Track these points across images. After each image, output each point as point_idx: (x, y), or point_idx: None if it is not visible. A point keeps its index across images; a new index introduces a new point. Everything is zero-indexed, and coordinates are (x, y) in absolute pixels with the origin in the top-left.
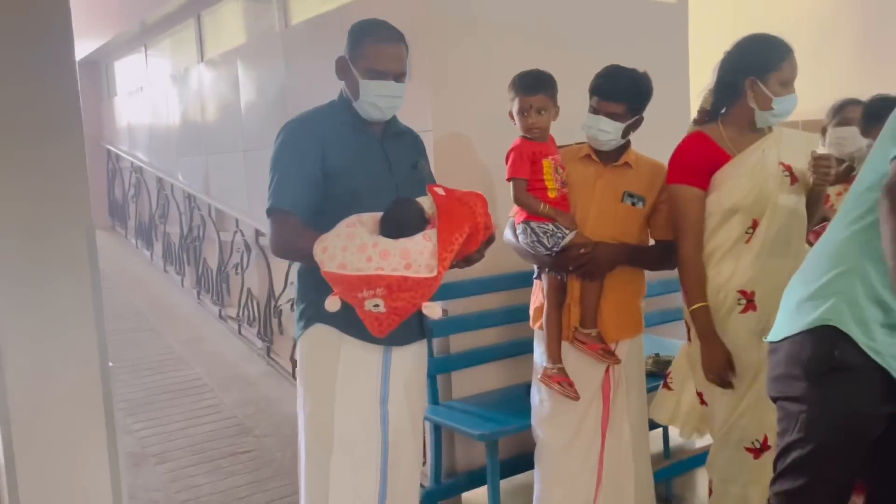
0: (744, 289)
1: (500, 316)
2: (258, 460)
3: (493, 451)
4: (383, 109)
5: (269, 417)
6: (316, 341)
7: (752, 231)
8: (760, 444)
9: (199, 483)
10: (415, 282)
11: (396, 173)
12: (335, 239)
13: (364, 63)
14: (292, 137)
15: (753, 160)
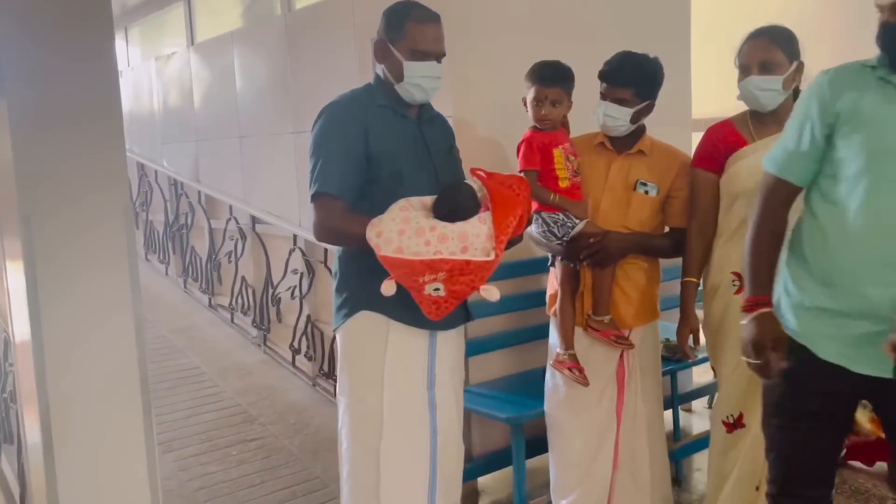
0: (737, 270)
1: (518, 301)
2: (267, 448)
3: (518, 433)
4: (427, 91)
5: (272, 405)
6: (363, 329)
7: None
8: (734, 420)
9: (211, 471)
10: (476, 265)
11: (435, 157)
12: (390, 223)
13: (407, 44)
14: (335, 120)
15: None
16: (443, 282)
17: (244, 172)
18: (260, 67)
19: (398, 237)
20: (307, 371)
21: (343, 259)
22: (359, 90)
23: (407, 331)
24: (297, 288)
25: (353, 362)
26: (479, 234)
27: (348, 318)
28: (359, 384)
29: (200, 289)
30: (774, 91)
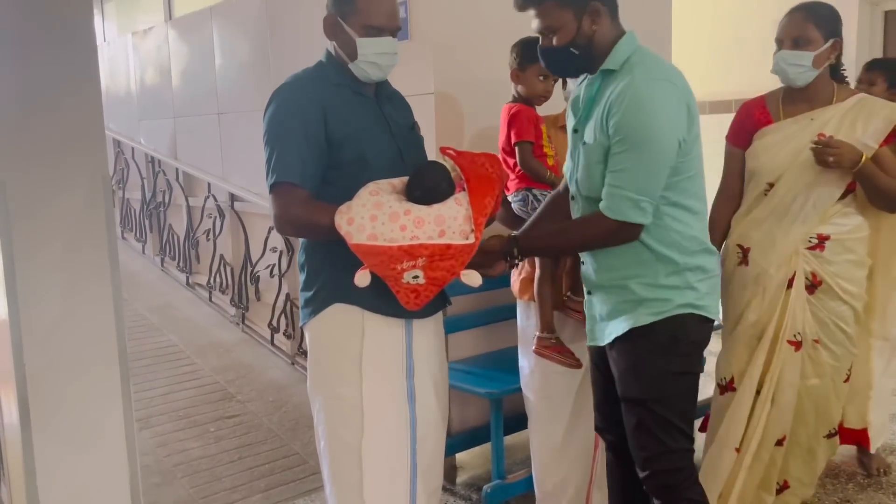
0: (742, 243)
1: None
2: (245, 425)
3: (497, 409)
4: (383, 68)
5: (251, 383)
6: (336, 322)
7: (768, 192)
8: (727, 383)
9: (189, 447)
10: (457, 249)
11: (398, 137)
12: (361, 209)
13: (359, 19)
14: (289, 103)
15: (794, 128)
16: (422, 268)
17: (223, 149)
18: (239, 43)
19: (371, 224)
20: (286, 349)
21: (309, 251)
22: (310, 70)
23: (383, 321)
24: (276, 266)
25: (327, 358)
26: (456, 216)
27: (319, 312)
28: (335, 380)
29: (178, 267)
30: (803, 67)
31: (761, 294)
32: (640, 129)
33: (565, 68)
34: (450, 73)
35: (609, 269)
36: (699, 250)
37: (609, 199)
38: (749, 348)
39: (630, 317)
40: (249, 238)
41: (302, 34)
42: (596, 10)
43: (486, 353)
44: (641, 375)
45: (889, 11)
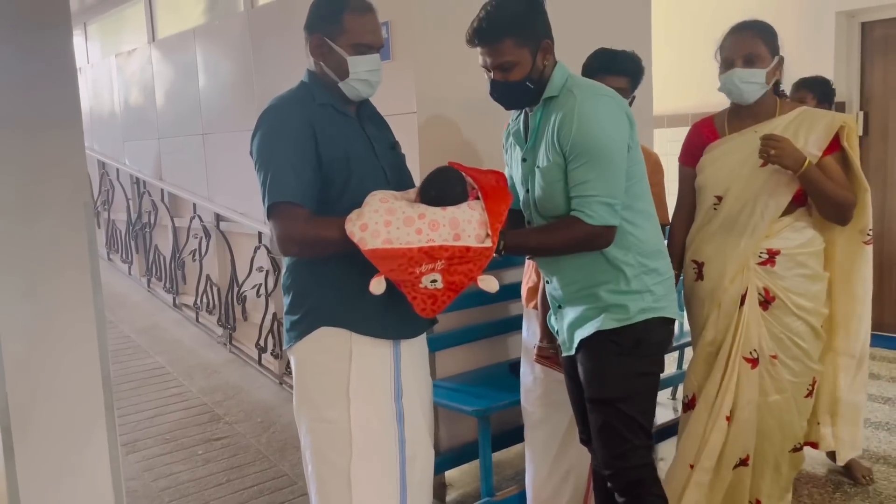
0: (696, 258)
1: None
2: (234, 447)
3: (485, 426)
4: (373, 84)
5: (239, 404)
6: (322, 346)
7: (718, 206)
8: (689, 401)
9: (176, 471)
10: (476, 252)
11: (381, 156)
12: (373, 214)
13: (348, 39)
14: (279, 125)
15: (740, 141)
16: (441, 272)
17: (208, 170)
18: (223, 64)
19: (385, 229)
20: (274, 369)
21: (295, 273)
22: (294, 91)
23: (371, 343)
24: (262, 286)
25: (314, 381)
26: (470, 219)
27: (305, 336)
28: (322, 403)
29: (164, 288)
30: (757, 84)
31: (717, 310)
32: (594, 141)
33: (518, 101)
34: (432, 93)
35: (573, 282)
36: (653, 251)
37: (587, 207)
38: (707, 365)
39: (595, 322)
40: (235, 258)
41: (285, 54)
42: (548, 47)
43: (474, 369)
44: (606, 376)
45: (865, 23)
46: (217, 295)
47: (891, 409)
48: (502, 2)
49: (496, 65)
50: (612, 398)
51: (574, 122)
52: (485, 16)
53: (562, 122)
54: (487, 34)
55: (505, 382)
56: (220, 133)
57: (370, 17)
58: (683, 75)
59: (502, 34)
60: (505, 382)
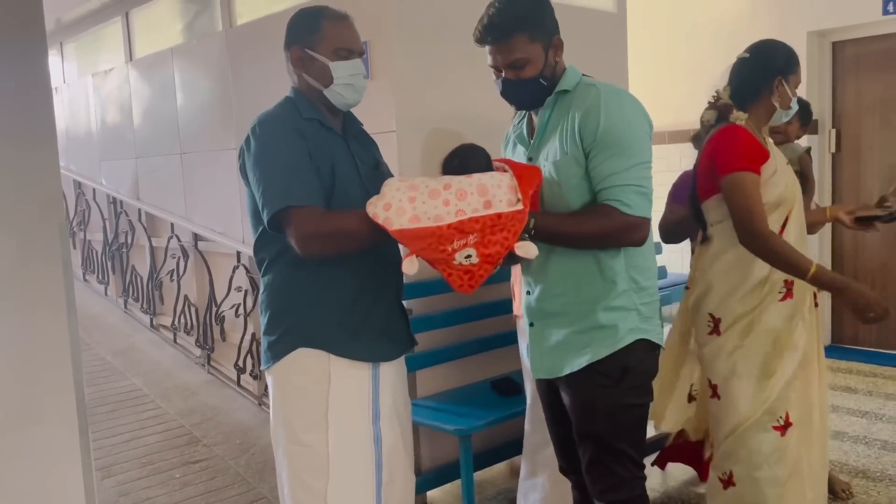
0: (785, 278)
1: (461, 314)
2: (212, 470)
3: (466, 445)
4: (358, 89)
5: (217, 426)
6: (300, 368)
7: (786, 224)
8: (784, 421)
9: (153, 495)
10: (508, 217)
11: (363, 174)
12: (395, 192)
13: (329, 45)
14: (277, 134)
15: (782, 156)
16: (474, 246)
17: (186, 189)
18: (201, 83)
19: (410, 205)
20: (253, 390)
21: (273, 292)
22: (281, 106)
23: (349, 365)
24: (241, 306)
25: (291, 404)
26: (499, 184)
27: (283, 357)
28: (300, 427)
29: (141, 309)
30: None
31: (802, 320)
32: (624, 132)
33: (530, 100)
34: (411, 111)
35: (561, 294)
36: (645, 268)
37: (623, 195)
38: (796, 378)
39: (587, 350)
40: (214, 278)
41: (264, 74)
42: (559, 43)
43: (455, 388)
44: (597, 410)
45: (836, 42)
46: (195, 315)
47: (868, 422)
48: (509, 2)
49: (508, 62)
50: (601, 432)
51: (601, 113)
52: (494, 12)
53: (586, 114)
54: (499, 30)
55: (486, 401)
56: (199, 152)
57: (348, 23)
58: (660, 94)
59: (514, 30)
60: (486, 401)
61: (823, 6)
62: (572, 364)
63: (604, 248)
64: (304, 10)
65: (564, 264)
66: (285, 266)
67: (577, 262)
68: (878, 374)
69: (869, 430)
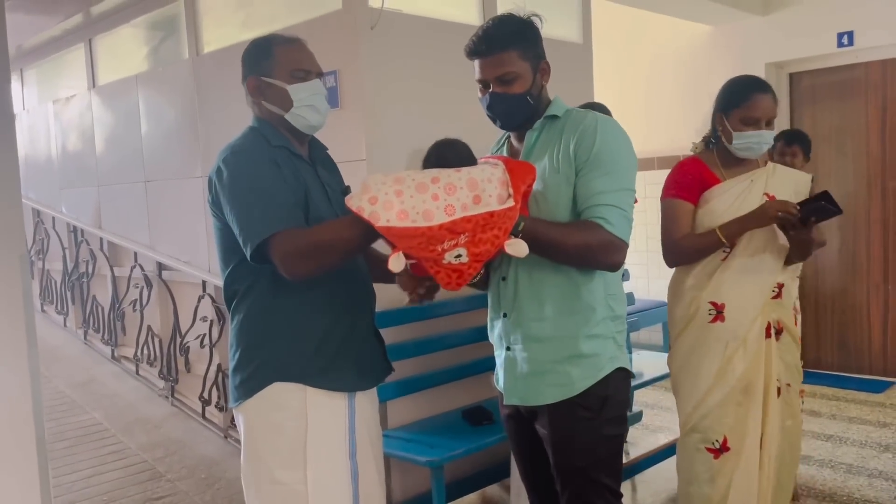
0: (715, 300)
1: (431, 344)
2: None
3: (439, 476)
4: (321, 111)
5: (181, 460)
6: (275, 404)
7: (730, 250)
8: (720, 445)
9: None
10: (500, 215)
11: (333, 200)
12: (381, 186)
13: (283, 68)
14: (248, 164)
15: (740, 187)
16: (465, 245)
17: (150, 218)
18: (167, 110)
19: (397, 199)
20: (218, 422)
21: (244, 327)
22: (246, 135)
23: (326, 397)
24: (206, 336)
25: (266, 441)
26: (490, 178)
27: (256, 393)
28: (275, 464)
29: (102, 340)
30: (770, 144)
31: (743, 347)
32: (618, 156)
33: (516, 116)
34: (381, 140)
35: (540, 320)
36: (619, 296)
37: (608, 214)
38: (738, 405)
39: (568, 380)
40: (178, 308)
41: (231, 101)
42: (546, 68)
43: (425, 418)
44: (577, 444)
45: (793, 74)
46: (158, 346)
47: (833, 446)
48: (505, 17)
49: (497, 75)
50: (581, 466)
51: (597, 135)
52: (489, 26)
53: (583, 134)
54: (493, 42)
55: (458, 431)
56: (164, 180)
57: (300, 45)
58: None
59: (507, 44)
60: (458, 431)
61: (781, 39)
62: (551, 394)
63: (581, 265)
64: (255, 39)
65: (544, 288)
66: (258, 299)
67: (558, 287)
68: (841, 398)
69: (834, 454)
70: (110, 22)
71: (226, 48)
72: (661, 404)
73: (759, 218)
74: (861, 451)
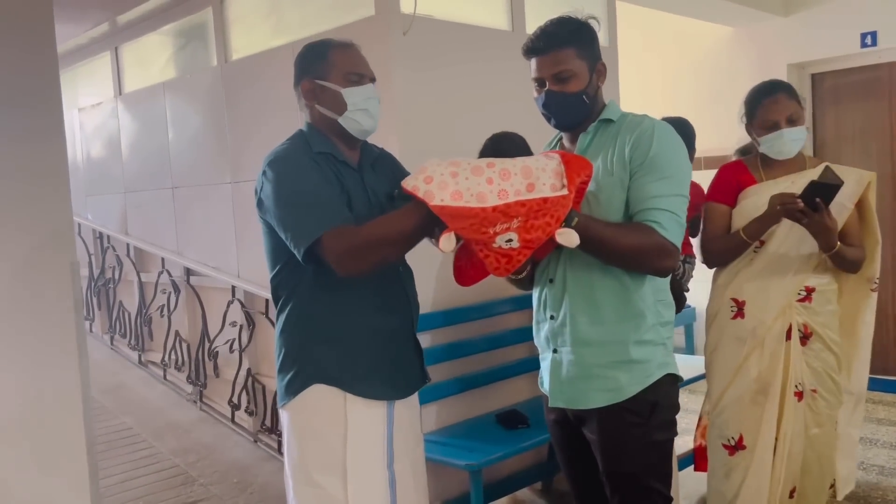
0: (736, 297)
1: (470, 346)
2: None
3: (477, 480)
4: (374, 115)
5: (213, 465)
6: (316, 407)
7: (759, 249)
8: (735, 442)
9: None
10: (553, 202)
11: (375, 207)
12: (437, 167)
13: (338, 72)
14: (291, 167)
15: (778, 189)
16: (516, 230)
17: (177, 224)
18: (194, 117)
19: (452, 179)
20: (248, 427)
21: (288, 331)
22: (293, 140)
23: (365, 405)
24: (236, 341)
25: (305, 444)
26: (544, 168)
27: (299, 394)
28: (313, 467)
29: (129, 345)
30: (801, 140)
31: (760, 347)
32: (675, 162)
33: (572, 115)
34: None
35: (590, 324)
36: (668, 302)
37: (661, 218)
38: (755, 404)
39: (615, 385)
40: (207, 313)
41: (260, 107)
42: (602, 70)
43: (459, 422)
44: (628, 449)
45: (815, 74)
46: (186, 351)
47: (864, 448)
48: (563, 18)
49: (554, 73)
50: (632, 472)
51: (654, 139)
52: (547, 25)
53: (639, 138)
54: (551, 40)
55: (493, 434)
56: (191, 186)
57: (354, 50)
58: None
59: (566, 42)
60: (493, 434)
61: (802, 40)
62: (598, 398)
63: (631, 267)
64: (310, 44)
65: (595, 291)
66: (300, 302)
67: (608, 290)
68: (870, 400)
69: (865, 456)
70: (137, 30)
71: (255, 55)
72: (686, 407)
73: (770, 214)
74: (892, 453)
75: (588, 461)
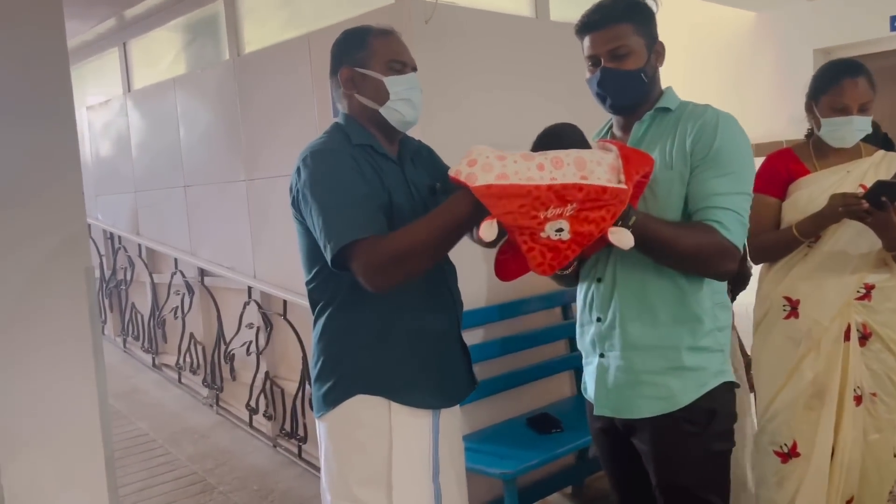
0: (789, 295)
1: (507, 344)
2: None
3: (511, 489)
4: (416, 106)
5: (232, 471)
6: (359, 418)
7: (814, 244)
8: (789, 449)
9: None
10: (612, 193)
11: (416, 201)
12: (482, 150)
13: (381, 60)
14: (330, 164)
15: (832, 179)
16: (569, 219)
17: (190, 223)
18: (206, 113)
19: (499, 162)
20: (266, 431)
21: (327, 338)
22: (332, 132)
23: (410, 414)
24: (253, 343)
25: (345, 457)
26: (600, 161)
27: (339, 404)
28: (354, 481)
29: (143, 348)
30: (867, 130)
31: (816, 349)
32: (740, 157)
33: (627, 94)
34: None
35: (641, 327)
36: (725, 304)
37: (724, 218)
38: (810, 409)
39: (665, 396)
40: (222, 314)
41: (275, 101)
42: (661, 51)
43: (489, 426)
44: (683, 461)
45: None
46: (202, 354)
47: None
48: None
49: (610, 49)
50: (688, 485)
51: (718, 131)
52: (603, 1)
53: (702, 129)
54: (607, 14)
55: (526, 439)
56: (204, 185)
57: (395, 37)
58: None
59: (622, 17)
60: (526, 439)
61: (828, 24)
62: (648, 407)
63: (690, 270)
64: (348, 30)
65: (648, 293)
66: (340, 306)
67: (662, 292)
68: None
69: None
70: (145, 25)
71: (269, 48)
72: None
73: (830, 214)
74: None
75: (637, 472)
